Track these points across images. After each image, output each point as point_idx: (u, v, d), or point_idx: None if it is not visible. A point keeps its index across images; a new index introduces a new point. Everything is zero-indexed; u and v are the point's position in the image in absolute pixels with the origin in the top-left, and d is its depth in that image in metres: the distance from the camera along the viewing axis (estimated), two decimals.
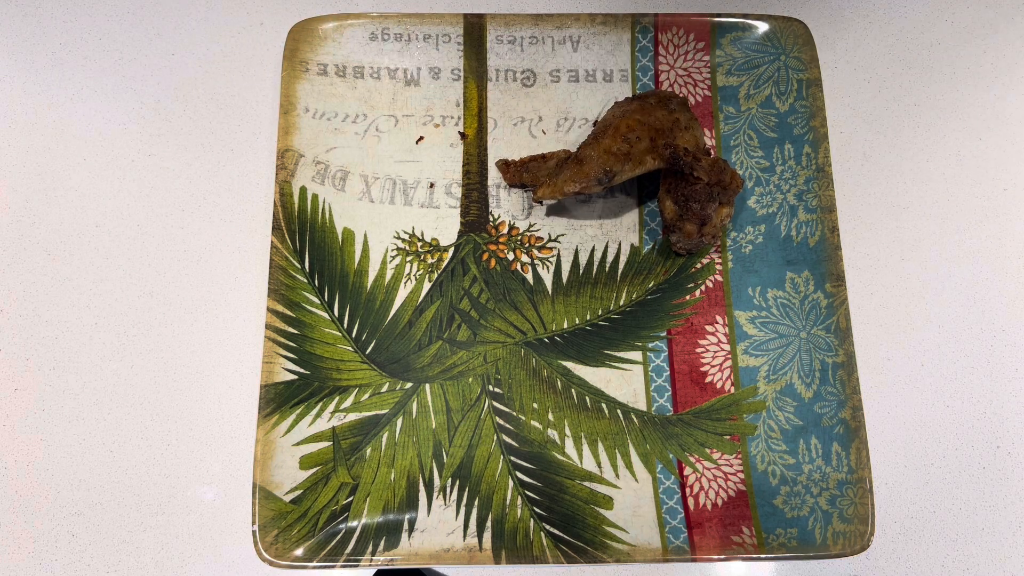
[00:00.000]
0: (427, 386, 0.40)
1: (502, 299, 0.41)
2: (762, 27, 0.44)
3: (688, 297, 0.42)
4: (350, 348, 0.40)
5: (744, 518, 0.38)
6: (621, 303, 0.41)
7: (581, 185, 0.38)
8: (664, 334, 0.41)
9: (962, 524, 0.40)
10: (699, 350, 0.41)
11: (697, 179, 0.38)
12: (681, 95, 0.43)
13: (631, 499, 0.38)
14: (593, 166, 0.38)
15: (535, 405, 0.40)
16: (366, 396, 0.40)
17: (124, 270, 0.43)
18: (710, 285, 0.42)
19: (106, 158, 0.44)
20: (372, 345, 0.41)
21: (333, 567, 0.36)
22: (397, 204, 0.43)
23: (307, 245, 0.41)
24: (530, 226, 0.43)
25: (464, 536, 0.37)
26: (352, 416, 0.39)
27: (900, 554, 0.40)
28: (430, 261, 0.42)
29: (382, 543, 0.37)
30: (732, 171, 0.39)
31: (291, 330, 0.40)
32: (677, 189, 0.39)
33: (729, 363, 0.41)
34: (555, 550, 0.37)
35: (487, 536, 0.37)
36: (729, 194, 0.39)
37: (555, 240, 0.42)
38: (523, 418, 0.40)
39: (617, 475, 0.39)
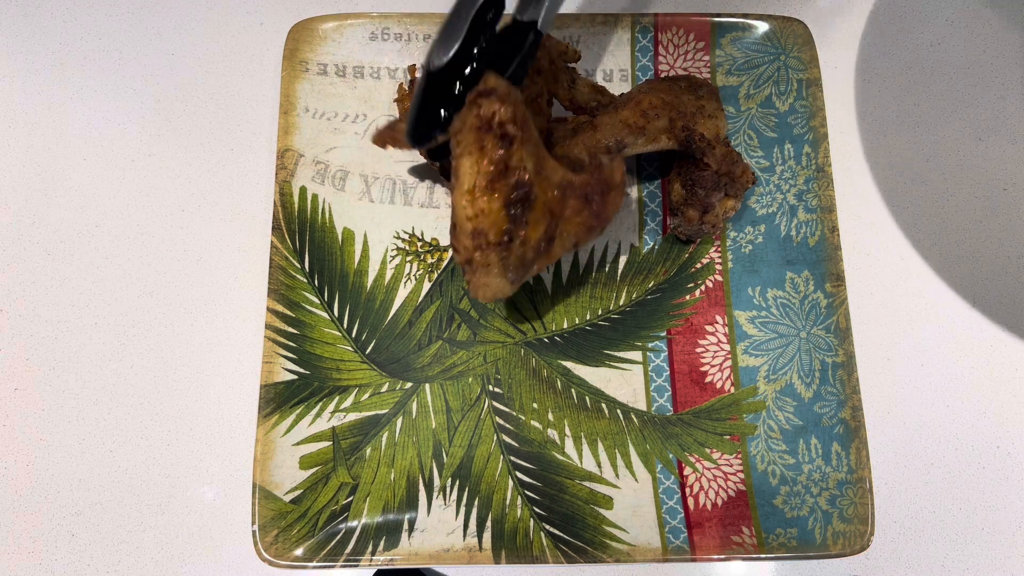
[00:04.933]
0: (427, 386, 0.40)
1: (502, 299, 0.41)
2: (762, 27, 0.44)
3: (688, 297, 0.41)
4: (350, 348, 0.40)
5: (744, 518, 0.38)
6: (621, 303, 0.41)
7: (590, 150, 0.38)
8: (664, 334, 0.41)
9: (962, 524, 0.40)
10: (699, 350, 0.41)
11: (706, 165, 0.38)
12: (712, 84, 0.43)
13: (631, 499, 0.38)
14: (606, 133, 0.38)
15: (535, 405, 0.40)
16: (366, 396, 0.40)
17: (124, 270, 0.43)
18: (710, 285, 0.42)
19: (106, 158, 0.44)
20: (372, 345, 0.41)
21: (333, 567, 0.36)
22: (397, 204, 0.43)
23: (307, 245, 0.41)
24: None
25: (464, 536, 0.37)
26: (352, 416, 0.39)
27: (900, 554, 0.40)
28: (430, 261, 0.42)
29: (382, 543, 0.37)
30: (745, 165, 0.38)
31: (291, 330, 0.40)
32: (687, 173, 0.39)
33: (729, 363, 0.41)
34: (555, 550, 0.37)
35: (487, 536, 0.37)
36: (738, 187, 0.38)
37: None
38: (523, 418, 0.40)
39: (617, 475, 0.39)
